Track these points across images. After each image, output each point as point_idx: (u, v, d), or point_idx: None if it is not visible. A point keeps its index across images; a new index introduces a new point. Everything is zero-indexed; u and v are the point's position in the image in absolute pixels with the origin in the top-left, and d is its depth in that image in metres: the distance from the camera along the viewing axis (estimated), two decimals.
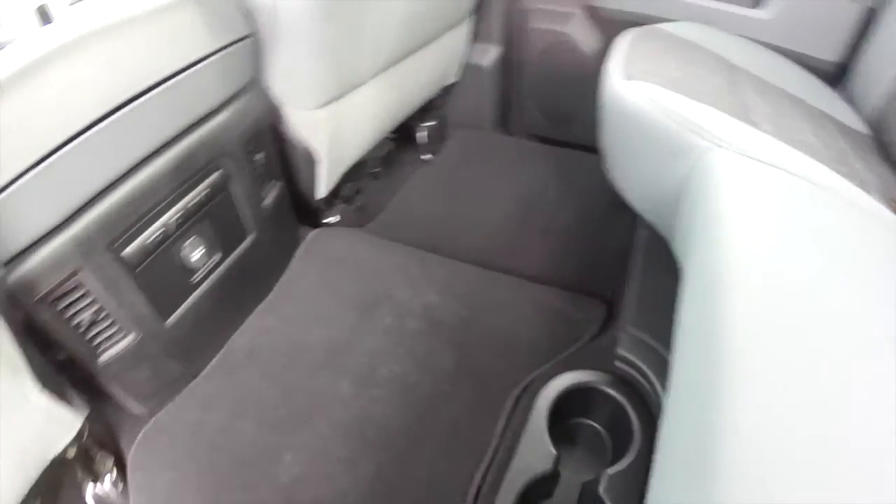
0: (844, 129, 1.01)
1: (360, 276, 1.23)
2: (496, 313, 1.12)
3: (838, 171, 0.78)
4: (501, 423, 0.92)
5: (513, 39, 1.66)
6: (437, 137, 1.81)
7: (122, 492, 1.02)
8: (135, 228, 0.88)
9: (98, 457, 1.03)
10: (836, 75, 1.30)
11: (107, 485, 1.02)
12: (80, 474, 1.02)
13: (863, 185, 0.78)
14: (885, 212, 0.75)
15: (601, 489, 0.78)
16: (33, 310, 0.80)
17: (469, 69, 1.69)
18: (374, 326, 1.11)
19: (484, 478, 0.86)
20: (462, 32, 1.56)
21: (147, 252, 0.92)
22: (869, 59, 1.20)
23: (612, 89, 0.92)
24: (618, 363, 0.93)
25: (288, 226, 1.33)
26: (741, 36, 1.32)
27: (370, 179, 1.68)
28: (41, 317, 0.82)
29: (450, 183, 1.60)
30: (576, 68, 1.57)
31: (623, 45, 1.04)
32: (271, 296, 1.22)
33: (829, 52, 1.29)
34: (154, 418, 1.04)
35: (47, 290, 0.80)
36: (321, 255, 1.30)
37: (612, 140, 0.99)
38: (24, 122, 0.70)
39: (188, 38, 0.86)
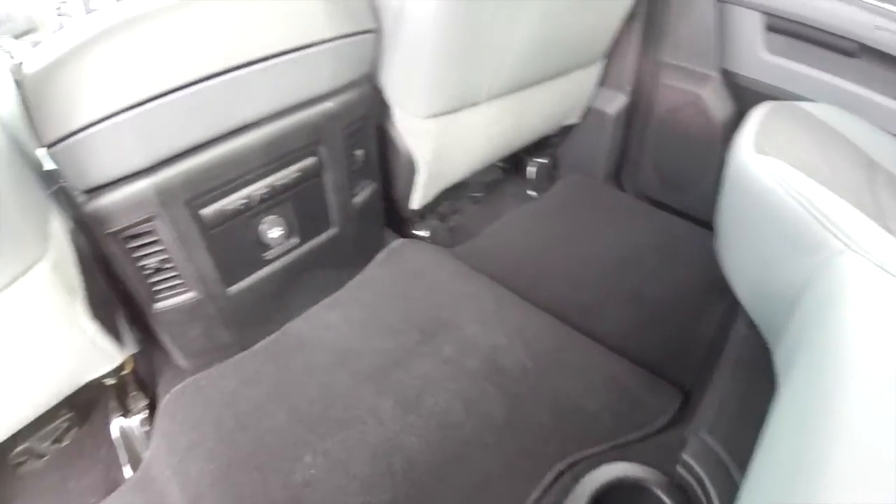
0: None
1: (433, 298, 1.18)
2: (562, 373, 1.03)
3: None
4: (535, 494, 0.84)
5: (642, 91, 1.58)
6: (546, 176, 1.75)
7: (145, 432, 1.07)
8: (218, 192, 0.89)
9: (133, 394, 1.09)
10: None
11: (134, 421, 1.07)
12: (112, 403, 1.09)
13: None
14: None
15: None
16: (104, 241, 0.84)
17: (592, 113, 1.62)
18: (432, 352, 1.06)
19: None
20: (592, 74, 1.50)
21: (224, 217, 0.92)
22: None
23: (740, 162, 0.84)
24: (679, 468, 0.82)
25: (374, 228, 1.31)
26: (887, 132, 1.18)
27: (469, 202, 1.65)
28: (110, 250, 0.86)
29: (548, 225, 1.53)
30: (702, 134, 1.47)
31: (758, 117, 0.96)
32: (340, 293, 1.21)
33: None
34: (194, 377, 1.07)
35: (121, 226, 0.83)
36: (401, 266, 1.27)
37: (730, 218, 0.91)
38: (136, 61, 0.72)
39: (312, 17, 0.85)
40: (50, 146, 0.74)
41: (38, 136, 0.74)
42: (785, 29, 1.27)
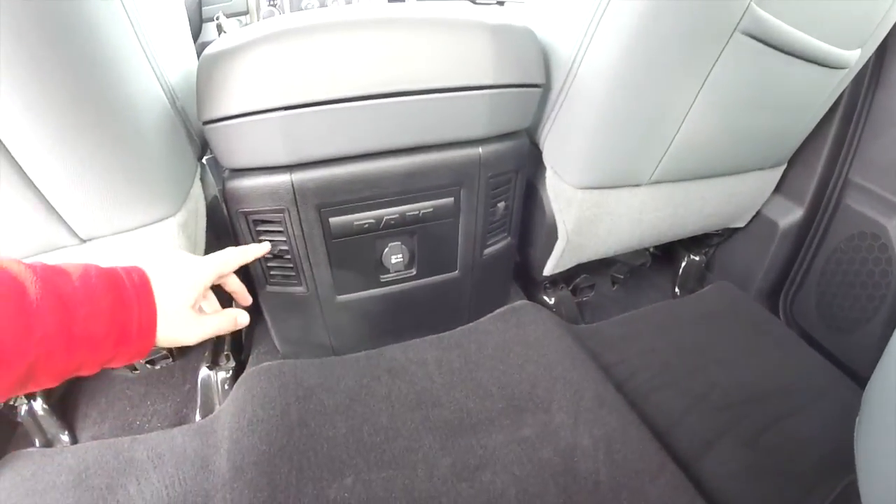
0: None
1: (534, 371, 1.13)
2: (637, 498, 0.92)
3: None
4: None
5: (820, 208, 1.42)
6: (697, 276, 1.64)
7: (224, 389, 1.18)
8: (349, 205, 0.92)
9: (226, 353, 1.22)
10: None
11: (218, 376, 1.19)
12: (206, 354, 1.22)
13: None
14: None
15: None
16: (235, 216, 0.91)
17: (760, 220, 1.49)
18: (511, 428, 1.01)
19: None
20: (768, 180, 1.39)
21: (350, 230, 0.95)
22: None
23: None
24: None
25: (500, 282, 1.29)
26: None
27: (609, 282, 1.58)
28: (239, 226, 0.93)
29: (684, 331, 1.41)
30: (880, 274, 1.29)
31: None
32: (446, 335, 1.21)
33: None
34: (282, 361, 1.15)
35: (252, 209, 0.90)
36: (515, 328, 1.23)
37: (884, 399, 0.75)
38: (303, 67, 0.77)
39: (480, 60, 0.85)
40: (206, 123, 0.81)
41: (199, 111, 0.81)
42: None
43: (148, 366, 1.24)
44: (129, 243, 0.82)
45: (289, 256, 0.97)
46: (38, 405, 1.10)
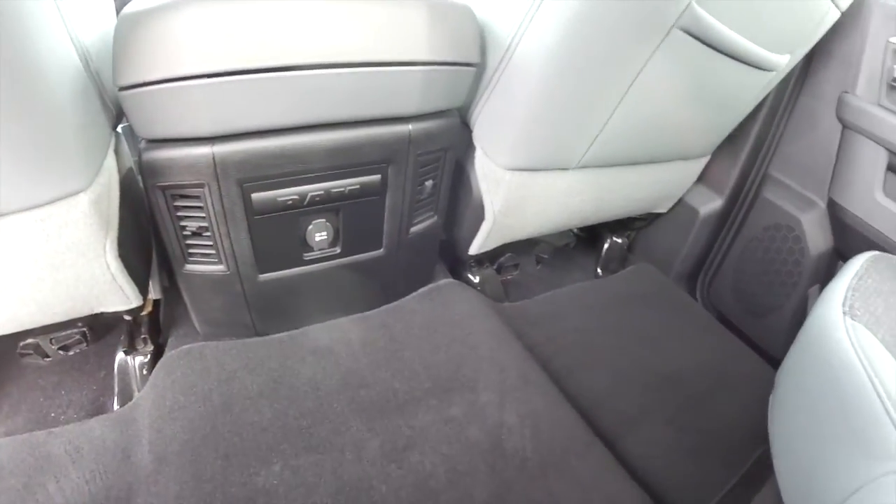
0: None
1: (460, 351, 1.14)
2: (562, 479, 0.95)
3: None
4: None
5: (739, 199, 1.52)
6: (619, 258, 1.70)
7: (143, 374, 1.13)
8: (273, 181, 0.89)
9: (144, 337, 1.15)
10: None
11: (136, 361, 1.13)
12: (123, 338, 1.15)
13: None
14: None
15: None
16: (152, 191, 0.87)
17: (682, 207, 1.57)
18: (438, 408, 1.01)
19: None
20: (692, 169, 1.46)
21: (273, 207, 0.92)
22: None
23: (825, 321, 0.75)
24: None
25: (425, 261, 1.29)
26: None
27: (533, 261, 1.62)
28: (156, 201, 0.88)
29: (606, 311, 1.46)
30: (792, 263, 1.40)
31: (857, 268, 0.86)
32: (371, 313, 1.20)
33: None
34: (202, 343, 1.10)
35: (170, 183, 0.85)
36: (440, 307, 1.24)
37: (794, 378, 0.82)
38: (227, 32, 0.73)
39: (416, 35, 0.84)
40: (122, 89, 0.76)
41: (115, 75, 0.75)
42: None
43: (61, 352, 1.17)
44: (37, 221, 0.77)
45: (208, 234, 0.93)
46: None
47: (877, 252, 0.95)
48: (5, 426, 1.07)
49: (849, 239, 1.34)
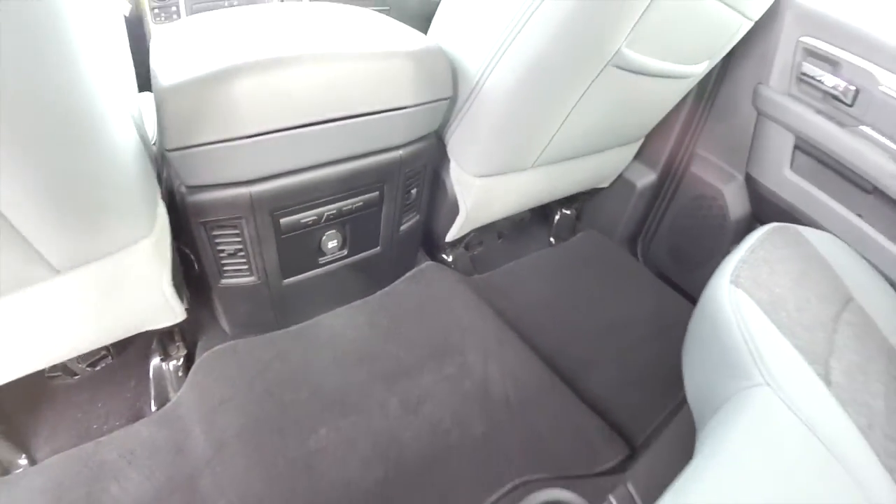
0: None
1: (446, 322, 1.37)
2: (536, 412, 1.21)
3: (882, 453, 0.80)
4: (494, 496, 1.04)
5: (670, 174, 1.74)
6: (568, 227, 1.93)
7: (178, 377, 1.22)
8: (297, 206, 1.07)
9: (178, 343, 1.24)
10: None
11: (170, 365, 1.22)
12: (155, 346, 1.24)
13: None
14: None
15: None
16: (194, 226, 1.01)
17: (621, 181, 1.80)
18: (438, 369, 1.25)
19: None
20: (630, 150, 1.68)
21: (297, 227, 1.10)
22: None
23: (715, 287, 0.99)
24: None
25: (410, 251, 1.49)
26: (877, 267, 1.31)
27: (494, 237, 1.82)
28: (196, 233, 1.02)
29: (560, 275, 1.71)
30: (716, 227, 1.63)
31: (755, 239, 1.10)
32: (370, 298, 1.40)
33: None
34: (234, 341, 1.25)
35: (213, 219, 1.00)
36: (424, 286, 1.46)
37: (695, 325, 1.07)
38: (258, 101, 0.88)
39: (406, 86, 1.02)
40: (170, 150, 0.88)
41: (163, 140, 0.87)
42: (811, 153, 1.41)
43: (88, 368, 1.23)
44: (104, 269, 0.85)
45: (242, 254, 1.09)
46: None
47: (775, 224, 1.18)
48: (50, 446, 1.10)
49: (763, 207, 1.57)
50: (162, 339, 1.23)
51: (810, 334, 0.93)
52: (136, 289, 0.95)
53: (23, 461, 1.06)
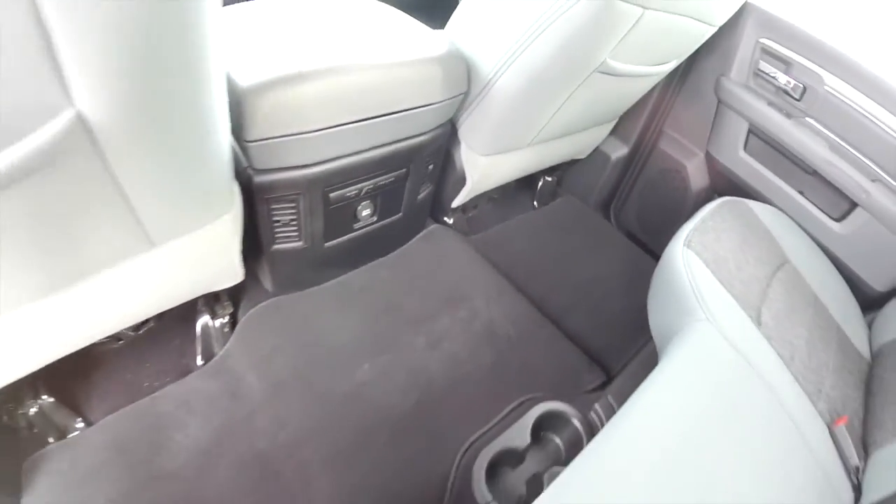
0: (845, 347, 1.28)
1: (455, 274, 1.62)
2: (532, 346, 1.49)
3: (801, 378, 1.09)
4: (503, 412, 1.31)
5: (641, 148, 1.98)
6: (550, 192, 2.18)
7: (224, 333, 1.32)
8: (343, 184, 1.27)
9: (225, 302, 1.35)
10: (875, 302, 1.53)
11: (217, 323, 1.32)
12: (201, 305, 1.32)
13: (816, 395, 1.09)
14: (817, 424, 1.04)
15: (545, 477, 1.17)
16: (258, 201, 1.17)
17: (597, 153, 2.03)
18: (453, 313, 1.51)
19: (480, 437, 1.25)
20: (606, 128, 1.92)
21: (342, 199, 1.30)
22: None
23: (672, 248, 1.25)
24: (591, 413, 1.30)
25: (422, 216, 1.72)
26: (813, 237, 1.59)
27: (486, 201, 2.05)
28: (258, 207, 1.18)
29: (543, 234, 1.97)
30: (679, 196, 1.88)
31: (708, 210, 1.36)
32: (390, 257, 1.63)
33: (877, 282, 1.54)
34: (276, 298, 1.40)
35: (275, 195, 1.17)
36: (434, 246, 1.70)
37: (657, 275, 1.31)
38: (324, 100, 1.06)
39: (431, 86, 1.23)
40: (249, 142, 1.03)
41: (243, 133, 1.00)
42: (762, 138, 1.64)
43: (132, 333, 1.28)
44: (192, 241, 0.96)
45: (294, 223, 1.26)
46: (45, 401, 1.12)
47: (726, 198, 1.44)
48: (105, 407, 1.15)
49: (719, 181, 1.82)
50: (209, 300, 1.32)
51: (746, 287, 1.20)
52: (213, 256, 1.08)
53: (79, 424, 1.12)
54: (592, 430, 1.27)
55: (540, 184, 2.14)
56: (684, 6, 1.23)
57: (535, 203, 2.16)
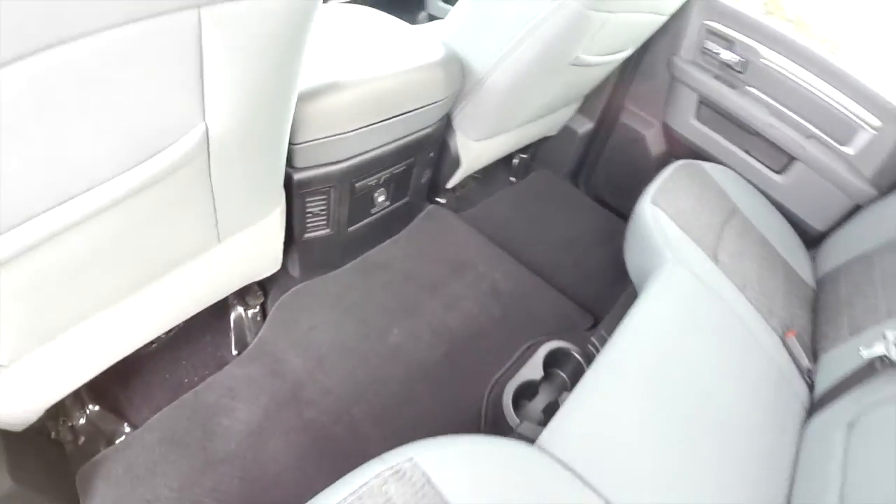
0: (791, 277, 1.57)
1: (456, 246, 1.85)
2: (532, 299, 1.74)
3: (754, 301, 1.36)
4: (518, 352, 1.56)
5: (605, 122, 2.22)
6: (524, 168, 2.41)
7: (254, 322, 1.42)
8: (367, 174, 1.46)
9: (257, 292, 1.47)
10: (816, 240, 1.82)
11: (247, 313, 1.42)
12: (232, 298, 1.40)
13: (768, 314, 1.36)
14: (771, 336, 1.32)
15: (559, 401, 1.41)
16: (296, 196, 1.30)
17: (566, 129, 2.26)
18: (461, 279, 1.74)
19: (501, 376, 1.49)
20: (573, 107, 2.16)
21: (366, 189, 1.50)
22: (837, 239, 1.74)
23: (641, 205, 1.51)
24: (589, 346, 1.54)
25: (422, 198, 1.93)
26: (759, 188, 1.87)
27: (471, 181, 2.27)
28: (296, 201, 1.32)
29: (523, 205, 2.21)
30: (641, 162, 2.13)
31: (667, 172, 1.62)
32: (400, 235, 1.84)
33: (816, 223, 1.82)
34: (304, 283, 1.55)
35: (311, 189, 1.32)
36: (435, 223, 1.92)
37: (631, 229, 1.55)
38: (354, 106, 1.25)
39: (436, 87, 1.43)
40: (296, 144, 1.17)
41: (292, 136, 1.08)
42: (711, 107, 1.90)
43: (163, 335, 1.30)
44: (249, 235, 1.06)
45: (325, 212, 1.40)
46: (91, 410, 1.16)
47: (683, 161, 1.70)
48: (149, 409, 1.19)
49: (675, 146, 2.06)
50: (241, 292, 1.38)
51: (703, 233, 1.46)
52: (262, 247, 1.20)
53: (126, 429, 1.16)
54: (591, 361, 1.49)
55: (516, 161, 2.36)
56: (643, 4, 1.48)
57: (511, 179, 2.39)
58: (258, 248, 1.19)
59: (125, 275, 0.86)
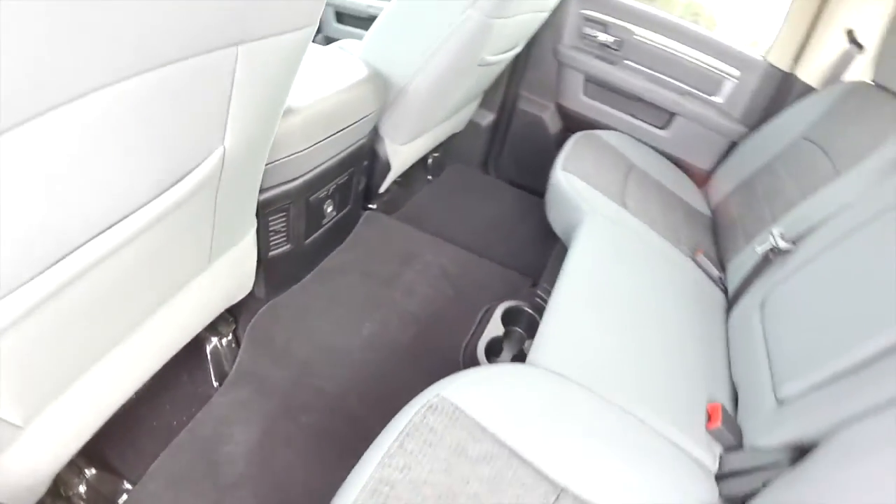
0: (689, 211, 1.89)
1: (400, 242, 2.04)
2: (477, 273, 1.97)
3: (663, 233, 1.64)
4: (477, 318, 1.77)
5: (504, 111, 2.47)
6: (439, 166, 2.62)
7: (229, 350, 1.42)
8: (318, 188, 1.59)
9: (228, 318, 1.47)
10: (704, 177, 2.16)
11: (222, 342, 1.43)
12: (204, 331, 1.34)
13: (676, 242, 1.64)
14: (683, 258, 1.60)
15: (524, 349, 1.62)
16: (260, 216, 1.33)
17: (470, 124, 2.50)
18: (412, 268, 1.93)
19: (469, 339, 1.69)
20: (476, 102, 2.40)
21: (318, 201, 1.63)
22: (723, 171, 2.06)
23: (555, 173, 1.76)
24: (537, 299, 1.76)
25: (359, 204, 2.08)
26: (649, 144, 2.19)
27: (394, 185, 2.37)
28: (261, 220, 1.35)
29: (444, 199, 2.43)
30: (543, 141, 2.40)
31: (570, 144, 1.89)
32: (348, 242, 1.99)
33: (702, 163, 2.18)
34: (274, 300, 1.62)
35: (274, 207, 1.39)
36: (375, 226, 2.09)
37: (550, 197, 1.80)
38: (307, 128, 1.41)
39: (367, 101, 1.62)
40: (267, 164, 1.14)
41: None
42: (596, 83, 2.20)
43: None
44: (230, 256, 1.11)
45: (285, 227, 1.48)
46: (90, 474, 1.14)
47: (580, 133, 1.96)
48: (143, 460, 1.16)
49: (571, 122, 2.35)
50: (212, 321, 1.33)
51: (610, 187, 1.74)
52: (240, 268, 1.25)
53: (126, 486, 1.13)
54: (541, 312, 1.44)
55: (430, 161, 2.56)
56: (531, 5, 1.74)
57: (429, 177, 2.59)
58: (237, 269, 1.25)
59: (133, 308, 0.87)
